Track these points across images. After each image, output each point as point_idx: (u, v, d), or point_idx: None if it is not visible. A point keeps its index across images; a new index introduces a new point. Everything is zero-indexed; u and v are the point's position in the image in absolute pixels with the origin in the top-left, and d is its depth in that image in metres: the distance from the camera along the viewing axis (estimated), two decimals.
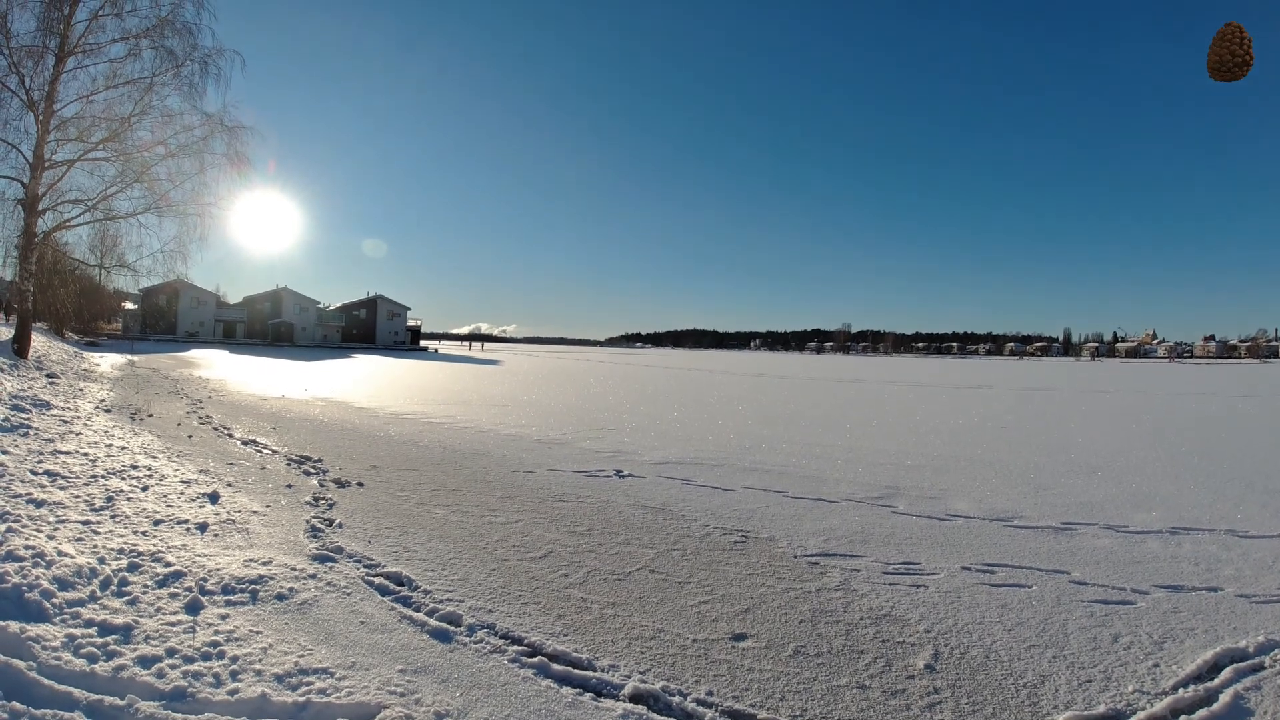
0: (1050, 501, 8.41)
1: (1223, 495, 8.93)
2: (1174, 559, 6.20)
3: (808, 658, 4.06)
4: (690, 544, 6.23)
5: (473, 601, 4.67)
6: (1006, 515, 7.64)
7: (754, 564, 5.72)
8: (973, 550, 6.33)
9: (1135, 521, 7.48)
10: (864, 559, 5.95)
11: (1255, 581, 5.60)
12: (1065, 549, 6.45)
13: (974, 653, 4.21)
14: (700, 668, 3.88)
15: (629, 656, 3.98)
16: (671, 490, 8.34)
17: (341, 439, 11.60)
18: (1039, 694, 3.74)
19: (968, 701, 3.64)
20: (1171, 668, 4.06)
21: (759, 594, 5.04)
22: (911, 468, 10.51)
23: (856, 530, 6.84)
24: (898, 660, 4.07)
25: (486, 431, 13.00)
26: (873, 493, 8.56)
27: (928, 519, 7.40)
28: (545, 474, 9.10)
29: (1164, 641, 4.43)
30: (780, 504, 7.83)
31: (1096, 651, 4.27)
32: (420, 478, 8.62)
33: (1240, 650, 4.28)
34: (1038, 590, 5.31)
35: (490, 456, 10.30)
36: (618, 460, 10.22)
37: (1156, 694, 3.76)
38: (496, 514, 6.99)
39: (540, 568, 5.41)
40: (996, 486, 9.27)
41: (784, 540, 6.41)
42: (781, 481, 9.08)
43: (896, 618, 4.70)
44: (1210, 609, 4.98)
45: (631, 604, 4.77)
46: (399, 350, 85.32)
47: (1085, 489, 9.26)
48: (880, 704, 3.58)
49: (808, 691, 3.67)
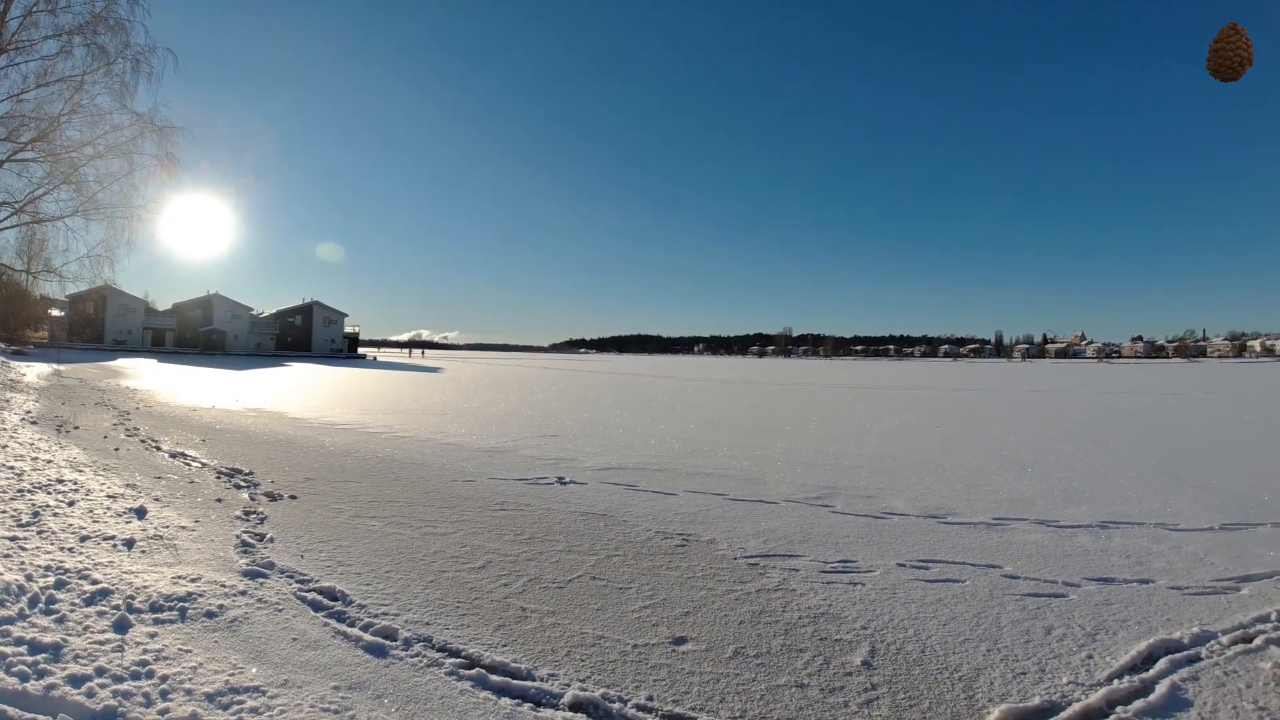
0: (983, 498, 8.60)
1: (1152, 490, 9.21)
2: (1105, 552, 6.36)
3: (747, 658, 4.06)
4: (632, 549, 6.19)
5: (409, 615, 4.56)
6: (940, 512, 7.79)
7: (695, 567, 5.70)
8: (908, 547, 6.42)
9: (1066, 516, 7.68)
10: (802, 559, 5.99)
11: (1187, 574, 5.75)
12: (998, 544, 6.59)
13: (910, 648, 4.25)
14: (640, 673, 3.85)
15: (569, 665, 3.92)
16: (614, 496, 8.29)
17: (274, 451, 11.28)
18: (974, 687, 3.79)
19: (904, 696, 3.67)
20: (1105, 659, 4.15)
21: (699, 597, 5.03)
22: (849, 468, 10.65)
23: (795, 531, 6.89)
24: (835, 658, 4.09)
25: (426, 441, 12.77)
26: (811, 493, 8.63)
27: (864, 518, 7.49)
28: (486, 483, 8.97)
29: (1097, 633, 4.52)
30: (721, 507, 7.85)
31: (1030, 644, 4.35)
32: (356, 490, 8.41)
33: (1175, 641, 4.38)
34: (971, 585, 5.41)
35: (429, 466, 10.12)
36: (560, 467, 10.14)
37: (1091, 685, 3.83)
38: (435, 525, 6.85)
39: (479, 578, 5.31)
40: (931, 485, 9.44)
41: (724, 542, 6.42)
42: (723, 484, 9.11)
43: (834, 616, 4.73)
44: (1142, 601, 5.11)
45: (572, 611, 4.71)
46: (336, 358, 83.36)
47: (1017, 485, 9.49)
48: (819, 702, 3.59)
49: (747, 692, 3.66)
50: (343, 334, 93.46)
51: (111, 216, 19.36)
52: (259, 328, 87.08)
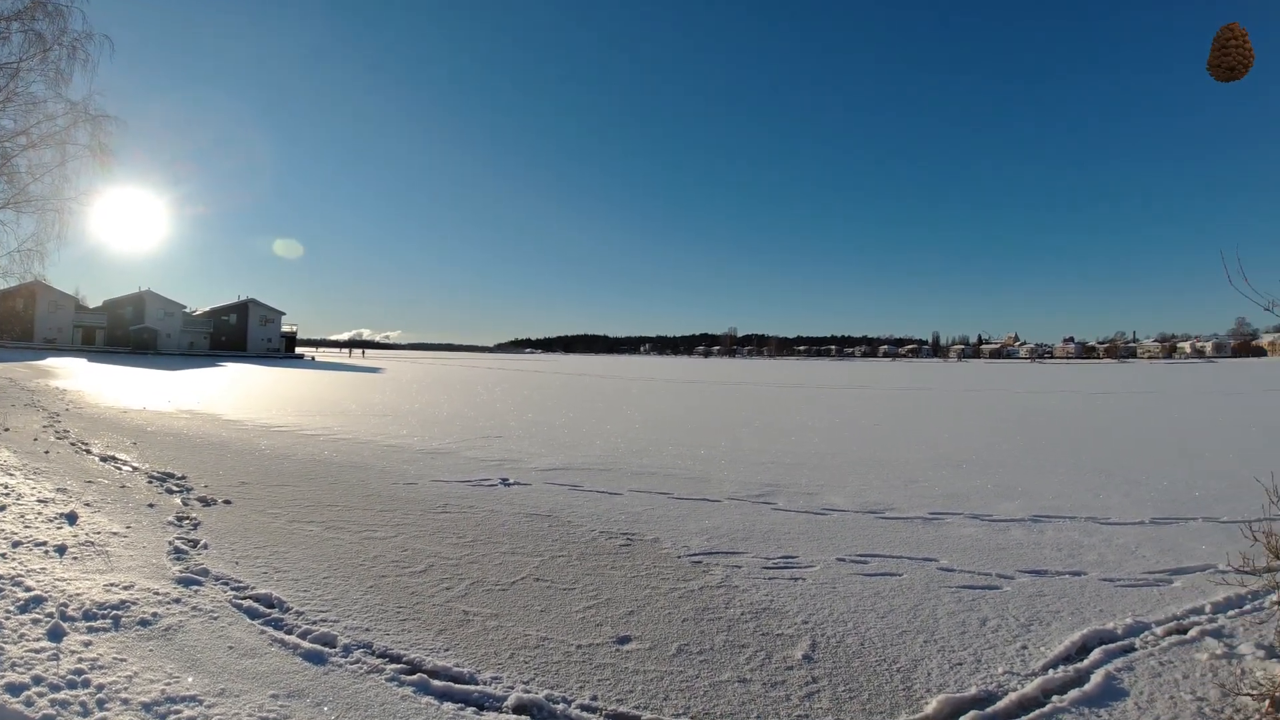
0: (920, 493, 8.79)
1: (1083, 485, 9.49)
2: (1037, 545, 6.54)
3: (691, 656, 4.08)
4: (576, 550, 6.17)
5: (348, 621, 4.47)
6: (879, 508, 7.94)
7: (639, 566, 5.72)
8: (847, 542, 6.53)
9: (1000, 511, 7.89)
10: (745, 555, 6.05)
11: (1118, 566, 5.93)
12: (934, 538, 6.75)
13: (849, 641, 4.33)
14: (585, 673, 3.84)
15: (512, 667, 3.90)
16: (558, 496, 8.26)
17: (207, 454, 10.96)
18: (912, 678, 3.87)
19: (844, 689, 3.73)
20: (1040, 649, 4.25)
21: (643, 596, 5.04)
22: (791, 466, 10.79)
23: (738, 528, 6.95)
24: (777, 652, 4.14)
25: (366, 443, 12.55)
26: (754, 491, 8.72)
27: (805, 514, 7.59)
28: (428, 485, 8.84)
29: (1031, 624, 4.64)
30: (665, 505, 7.88)
31: (966, 635, 4.45)
32: (293, 494, 8.22)
33: (1108, 632, 4.51)
34: (908, 578, 5.52)
35: (369, 469, 9.94)
36: (504, 468, 10.06)
37: (1026, 675, 3.92)
38: (375, 529, 6.73)
39: (420, 582, 5.24)
40: (870, 481, 9.62)
41: (668, 541, 6.45)
42: (667, 483, 9.15)
43: (776, 611, 4.79)
44: (1075, 592, 5.26)
45: (515, 614, 4.68)
46: (272, 358, 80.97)
47: (952, 481, 9.73)
48: (761, 696, 3.63)
49: (691, 689, 3.68)
50: (280, 333, 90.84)
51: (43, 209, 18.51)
52: (192, 326, 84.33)
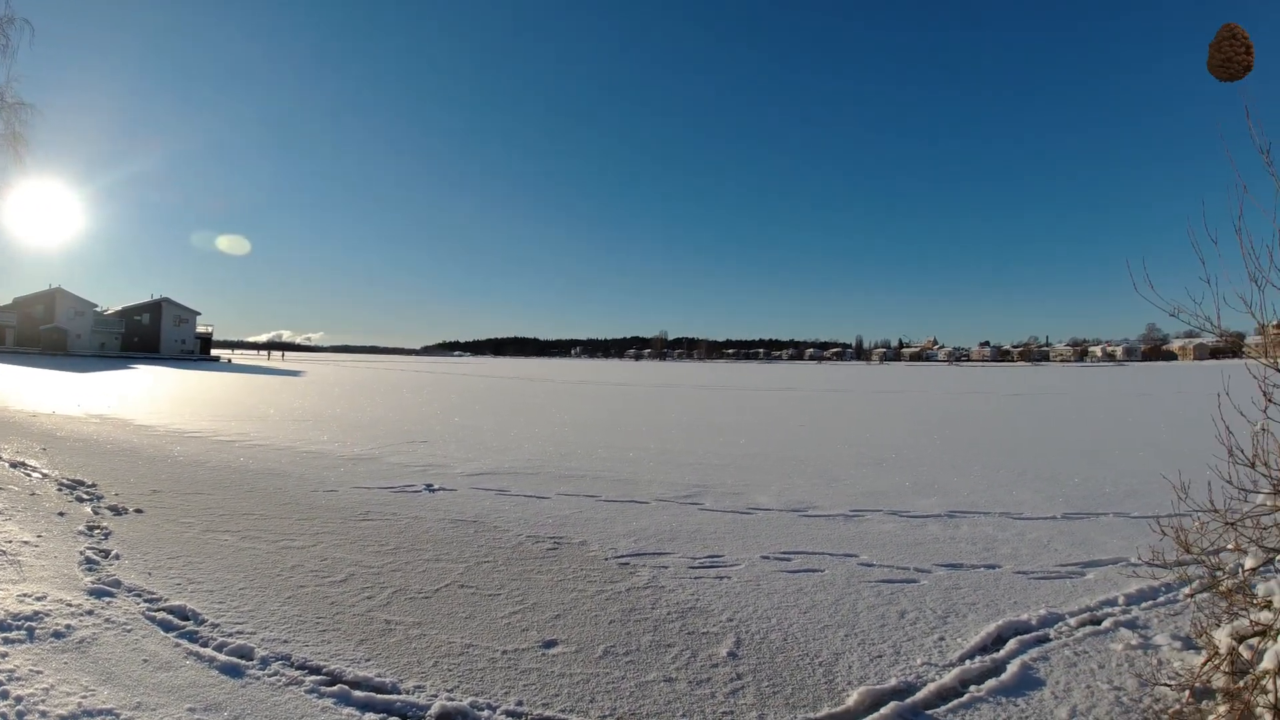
0: (841, 491, 8.99)
1: (997, 482, 9.84)
2: (953, 540, 6.75)
3: (617, 657, 4.07)
4: (502, 555, 6.10)
5: (266, 633, 4.34)
6: (802, 506, 8.09)
7: (566, 570, 5.69)
8: (772, 540, 6.64)
9: (917, 507, 8.12)
10: (672, 556, 6.08)
11: (1032, 559, 6.15)
12: (854, 534, 6.91)
13: (773, 637, 4.39)
14: (510, 679, 3.80)
15: (436, 676, 3.83)
16: (484, 502, 8.16)
17: (118, 461, 10.52)
18: (834, 671, 3.94)
19: (768, 684, 3.78)
20: (957, 640, 4.38)
21: (570, 599, 5.02)
22: (719, 466, 10.90)
23: (665, 529, 6.99)
24: (703, 651, 4.17)
25: (284, 449, 12.19)
26: (682, 492, 8.79)
27: (731, 513, 7.68)
28: (348, 492, 8.63)
29: (948, 616, 4.78)
30: (593, 508, 7.87)
31: (885, 628, 4.56)
32: (207, 502, 7.94)
33: (1023, 623, 4.66)
34: (830, 574, 5.64)
35: (287, 476, 9.66)
36: (428, 474, 9.89)
37: (944, 666, 4.03)
38: (293, 538, 6.54)
39: (340, 592, 5.10)
40: (794, 480, 9.79)
41: (596, 544, 6.44)
42: (595, 486, 9.13)
43: (701, 610, 4.82)
44: (990, 585, 5.43)
45: (439, 621, 4.60)
46: (187, 360, 77.53)
47: (873, 479, 9.97)
48: (687, 695, 3.64)
49: (617, 690, 3.68)
50: (194, 334, 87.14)
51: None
52: (104, 326, 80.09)
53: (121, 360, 67.49)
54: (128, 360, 68.27)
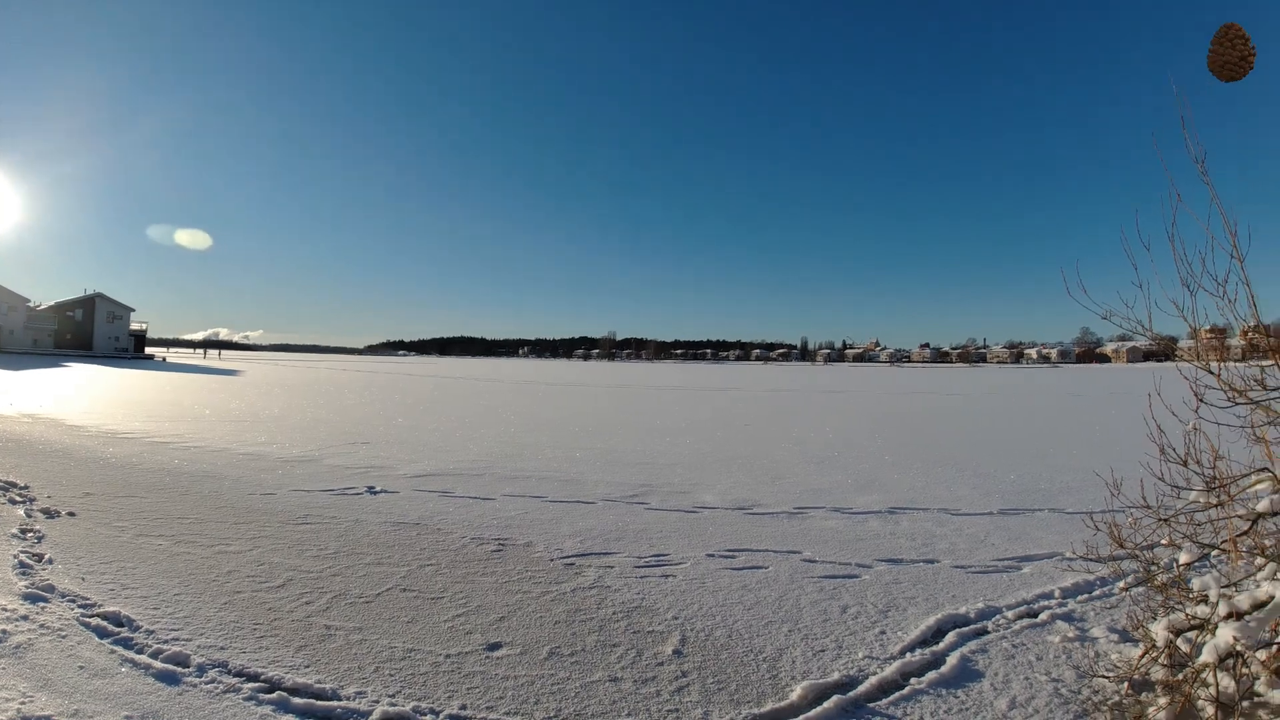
0: (786, 489, 9.10)
1: (937, 479, 10.07)
2: (893, 535, 6.90)
3: (562, 658, 4.05)
4: (446, 558, 6.02)
5: (202, 639, 4.23)
6: (747, 504, 8.17)
7: (510, 571, 5.64)
8: (717, 538, 6.69)
9: (859, 504, 8.26)
10: (618, 555, 6.08)
11: (969, 554, 6.31)
12: (798, 531, 7.00)
13: (718, 634, 4.42)
14: (453, 682, 3.75)
15: (377, 681, 3.76)
16: (428, 504, 8.04)
17: (50, 462, 10.14)
18: (778, 666, 3.98)
19: (713, 680, 3.80)
20: (897, 634, 4.47)
21: (515, 601, 4.98)
22: (665, 466, 10.94)
23: (611, 529, 6.98)
24: (648, 649, 4.18)
25: (220, 451, 11.86)
26: (628, 492, 8.79)
27: (678, 512, 7.72)
28: (287, 495, 8.43)
29: (888, 610, 4.88)
30: (539, 509, 7.81)
31: (828, 623, 4.63)
32: (141, 505, 7.69)
33: (962, 616, 4.78)
34: (774, 570, 5.71)
35: (223, 479, 9.40)
36: (370, 476, 9.72)
37: (885, 659, 4.11)
38: (229, 542, 6.37)
39: (278, 598, 4.99)
40: (740, 479, 9.87)
41: (541, 545, 6.40)
42: (542, 487, 9.07)
43: (647, 609, 4.83)
44: (929, 579, 5.56)
45: (380, 626, 4.52)
46: (120, 359, 74.53)
47: (816, 477, 10.12)
48: (632, 693, 3.64)
49: (562, 691, 3.66)
50: (128, 331, 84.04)
51: None
52: (36, 322, 76.42)
53: (54, 358, 65.05)
54: (60, 358, 65.80)
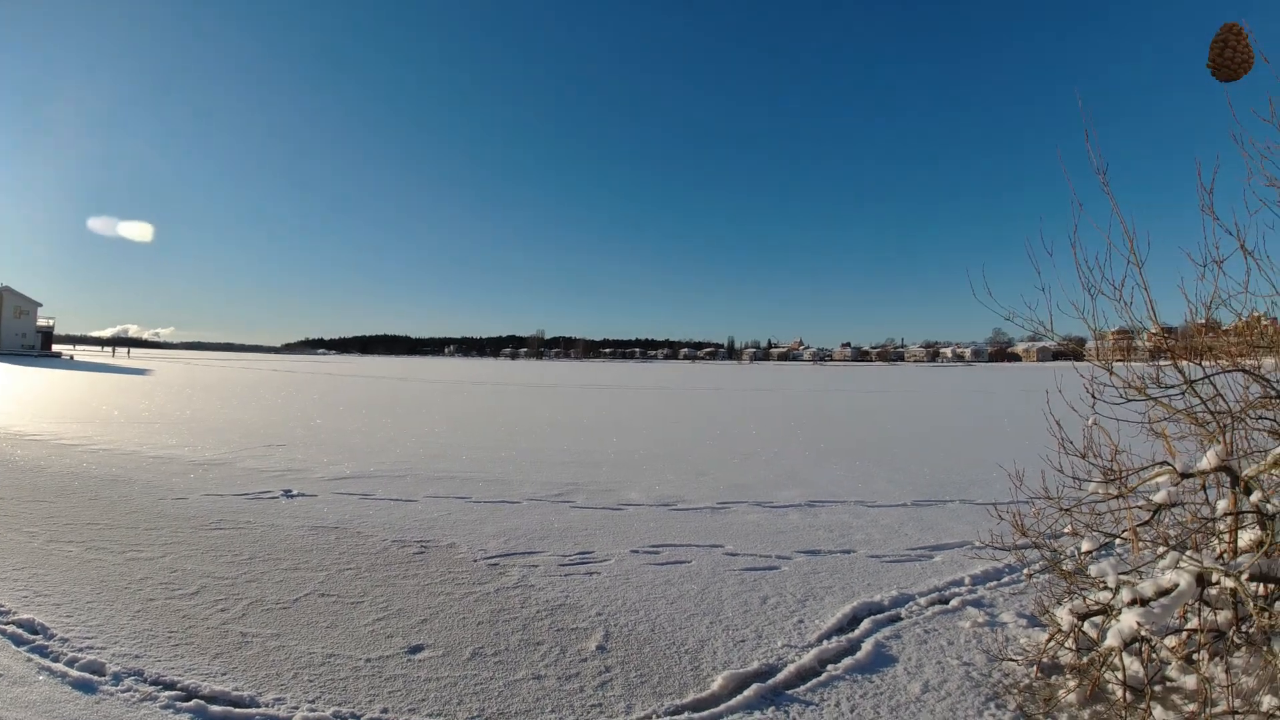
0: (710, 485, 9.27)
1: (854, 472, 10.38)
2: (812, 528, 7.11)
3: (485, 658, 4.05)
4: (365, 561, 5.94)
5: (117, 648, 4.12)
6: (672, 500, 8.29)
7: (433, 573, 5.59)
8: (641, 534, 6.78)
9: (780, 498, 8.48)
10: (542, 554, 6.09)
11: (884, 544, 6.57)
12: (721, 525, 7.15)
13: (641, 628, 4.48)
14: (374, 686, 3.72)
15: (296, 687, 3.71)
16: (347, 507, 7.89)
17: None
18: (699, 658, 4.07)
19: (636, 674, 3.86)
20: (815, 622, 4.63)
21: (437, 603, 4.94)
22: (592, 464, 10.98)
23: (536, 528, 6.99)
24: (572, 646, 4.21)
25: (130, 454, 11.40)
26: (554, 491, 8.79)
27: (603, 510, 7.77)
28: (199, 500, 8.17)
29: (806, 600, 5.05)
30: (463, 510, 7.75)
31: (748, 613, 4.76)
32: (51, 510, 7.37)
33: (876, 604, 4.98)
34: (696, 564, 5.82)
35: (134, 483, 9.05)
36: (286, 479, 9.48)
37: (803, 647, 4.25)
38: (141, 548, 6.16)
39: (192, 605, 4.85)
40: (665, 476, 10.00)
41: (465, 546, 6.35)
42: (466, 487, 9.00)
43: (571, 606, 4.87)
44: (845, 569, 5.77)
45: (299, 632, 4.44)
46: (27, 356, 70.06)
47: (740, 472, 10.32)
48: (555, 690, 3.67)
49: (485, 691, 3.66)
50: (35, 327, 79.25)
51: None
52: None
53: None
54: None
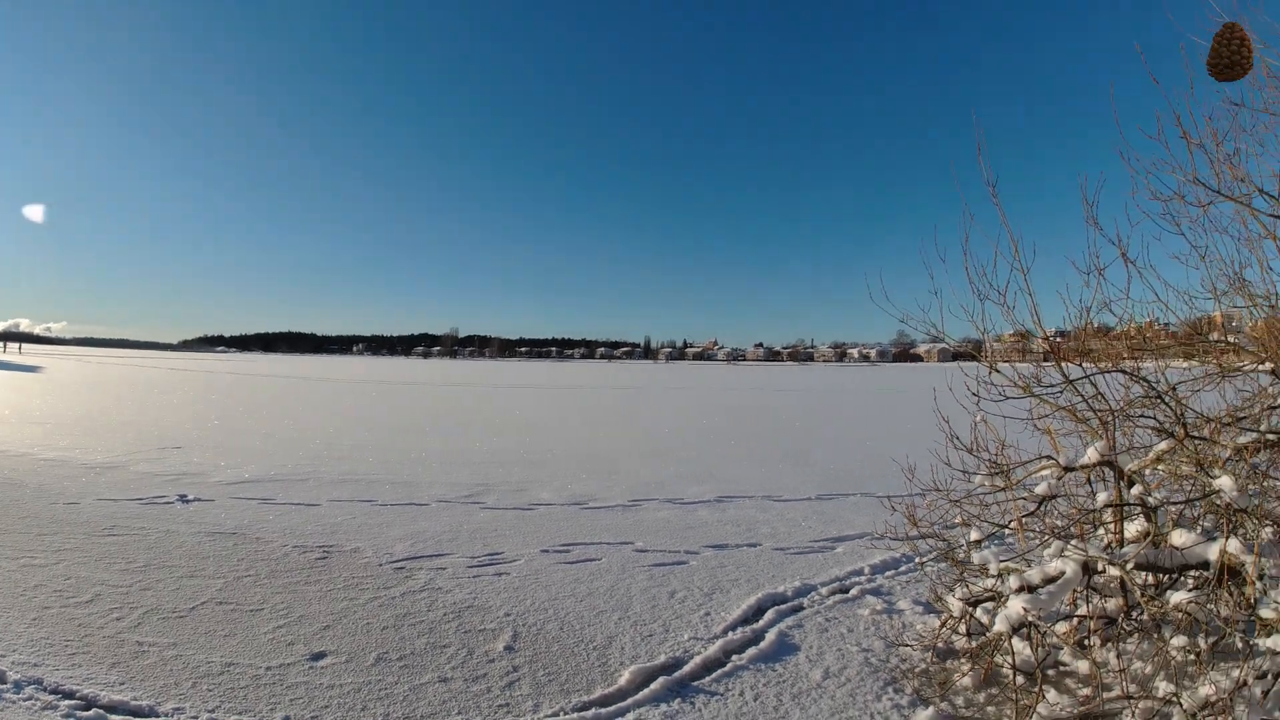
0: (622, 483, 9.35)
1: (763, 468, 10.64)
2: (720, 522, 7.28)
3: (390, 663, 4.00)
4: (265, 568, 5.77)
5: (16, 656, 3.96)
6: (584, 499, 8.33)
7: (336, 579, 5.47)
8: (552, 534, 6.79)
9: (690, 494, 8.63)
10: (451, 557, 6.03)
11: (789, 536, 6.80)
12: (632, 522, 7.24)
13: (550, 627, 4.50)
14: (275, 695, 3.64)
15: (196, 697, 3.60)
16: (246, 512, 7.63)
17: None
18: (608, 654, 4.12)
19: (544, 673, 3.87)
20: (721, 615, 4.75)
21: (340, 609, 4.85)
22: (504, 464, 10.91)
23: (445, 530, 6.91)
24: (479, 648, 4.19)
25: (20, 456, 10.80)
26: (464, 492, 8.70)
27: (514, 510, 7.75)
28: (92, 504, 7.78)
29: (713, 593, 5.17)
30: (368, 513, 7.60)
31: (656, 608, 4.85)
32: None
33: (780, 594, 5.15)
34: (607, 562, 5.89)
35: (23, 486, 8.58)
36: (183, 483, 9.10)
37: (709, 639, 4.35)
38: (33, 555, 5.87)
39: (87, 613, 4.66)
40: (578, 474, 10.04)
41: (369, 550, 6.23)
42: (372, 490, 8.81)
43: (479, 608, 4.84)
44: (751, 562, 5.94)
45: (197, 641, 4.30)
46: None
47: (653, 470, 10.45)
48: (462, 692, 3.65)
49: (389, 696, 3.62)
50: None
51: None
52: None
53: None
54: None
